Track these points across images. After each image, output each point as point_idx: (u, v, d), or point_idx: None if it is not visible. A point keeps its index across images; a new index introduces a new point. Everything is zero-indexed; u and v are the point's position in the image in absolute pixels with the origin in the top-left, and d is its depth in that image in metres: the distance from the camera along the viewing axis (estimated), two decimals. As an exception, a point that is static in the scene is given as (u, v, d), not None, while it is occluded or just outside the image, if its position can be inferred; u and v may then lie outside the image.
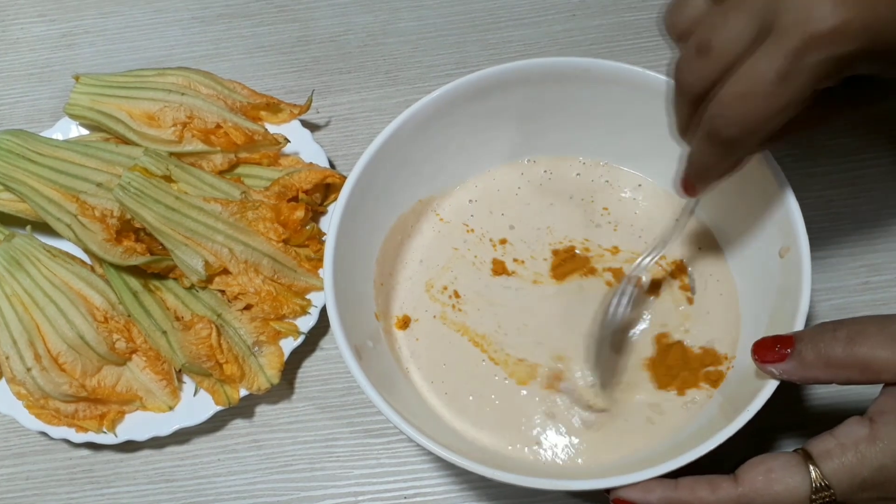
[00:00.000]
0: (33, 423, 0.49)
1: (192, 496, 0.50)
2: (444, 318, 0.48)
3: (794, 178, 0.42)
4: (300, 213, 0.51)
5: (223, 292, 0.51)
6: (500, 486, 0.48)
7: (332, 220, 0.44)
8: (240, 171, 0.55)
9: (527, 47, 0.62)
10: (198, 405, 0.49)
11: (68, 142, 0.54)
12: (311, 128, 0.59)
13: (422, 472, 0.49)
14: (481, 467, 0.37)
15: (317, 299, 0.51)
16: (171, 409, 0.49)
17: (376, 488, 0.49)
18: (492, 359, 0.46)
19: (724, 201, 0.46)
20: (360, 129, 0.60)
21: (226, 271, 0.50)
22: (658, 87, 0.44)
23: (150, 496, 0.50)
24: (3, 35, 0.68)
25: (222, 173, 0.54)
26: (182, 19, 0.66)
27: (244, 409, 0.51)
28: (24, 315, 0.49)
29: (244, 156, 0.55)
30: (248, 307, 0.50)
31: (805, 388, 0.48)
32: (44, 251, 0.51)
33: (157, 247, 0.51)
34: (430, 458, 0.49)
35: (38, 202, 0.51)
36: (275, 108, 0.57)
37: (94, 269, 0.52)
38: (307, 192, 0.53)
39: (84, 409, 0.49)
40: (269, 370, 0.49)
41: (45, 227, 0.52)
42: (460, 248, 0.50)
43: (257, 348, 0.50)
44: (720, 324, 0.46)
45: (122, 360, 0.50)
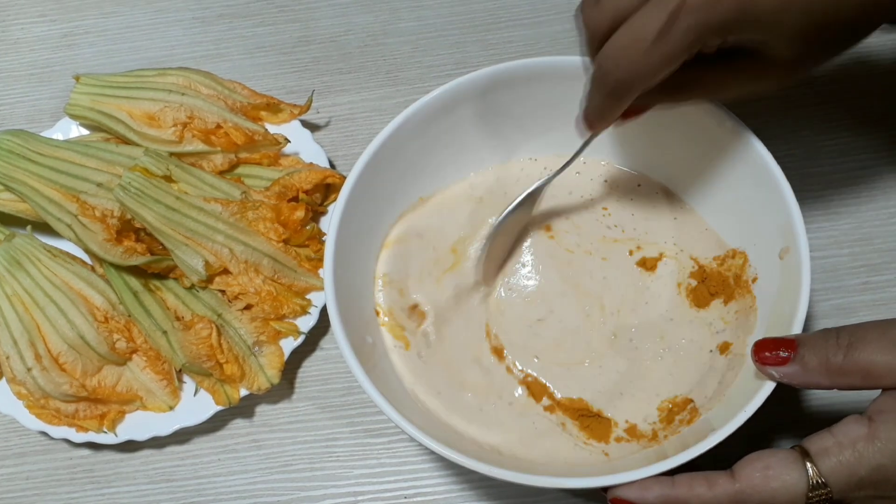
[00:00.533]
0: (34, 422, 0.49)
1: (192, 496, 0.50)
2: (443, 315, 0.48)
3: (793, 178, 0.42)
4: (300, 213, 0.51)
5: (223, 292, 0.51)
6: (500, 485, 0.48)
7: (332, 220, 0.44)
8: (240, 171, 0.55)
9: (527, 47, 0.62)
10: (198, 405, 0.49)
11: (69, 142, 0.54)
12: (312, 128, 0.59)
13: (422, 471, 0.49)
14: (480, 464, 0.37)
15: (317, 299, 0.51)
16: (172, 408, 0.50)
17: (376, 488, 0.49)
18: (494, 352, 0.46)
19: (723, 202, 0.46)
20: (361, 129, 0.60)
21: (226, 271, 0.50)
22: None
23: (150, 496, 0.50)
24: (3, 35, 0.68)
25: (222, 173, 0.54)
26: (183, 19, 0.67)
27: (244, 408, 0.51)
28: (25, 315, 0.49)
29: (244, 156, 0.55)
30: (249, 307, 0.50)
31: (803, 390, 0.48)
32: (44, 251, 0.51)
33: (158, 247, 0.51)
34: (430, 457, 0.49)
35: (39, 202, 0.51)
36: (275, 108, 0.57)
37: (94, 269, 0.52)
38: (307, 192, 0.53)
39: (84, 408, 0.49)
40: (269, 370, 0.49)
41: (45, 227, 0.52)
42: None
43: (257, 348, 0.50)
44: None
45: (123, 359, 0.50)
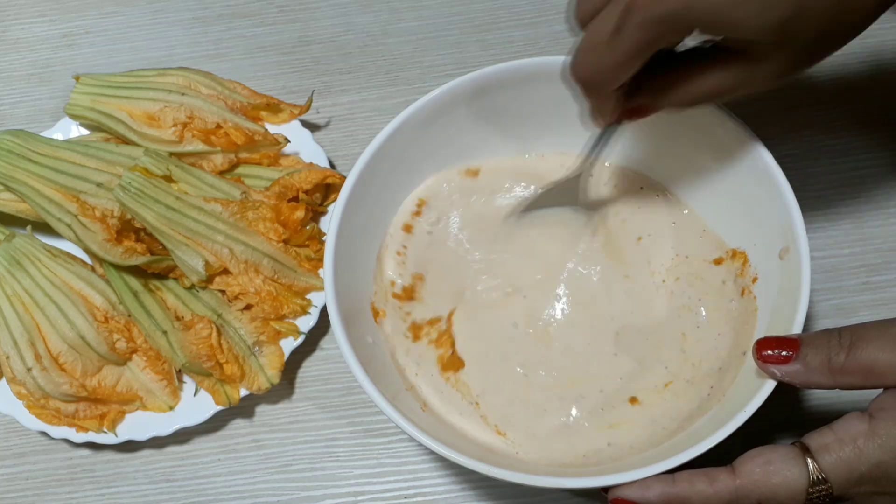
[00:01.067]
0: (34, 422, 0.49)
1: (192, 496, 0.50)
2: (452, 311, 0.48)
3: (794, 178, 0.41)
4: (300, 213, 0.51)
5: (223, 292, 0.51)
6: (500, 485, 0.48)
7: (332, 220, 0.44)
8: (240, 171, 0.55)
9: (527, 47, 0.62)
10: (198, 405, 0.49)
11: (69, 142, 0.54)
12: (312, 128, 0.59)
13: (422, 471, 0.49)
14: (480, 464, 0.37)
15: (317, 299, 0.51)
16: (172, 408, 0.50)
17: (376, 488, 0.49)
18: (504, 348, 0.46)
19: (723, 202, 0.46)
20: (361, 130, 0.60)
21: (226, 271, 0.50)
22: None
23: (150, 496, 0.50)
24: (3, 35, 0.68)
25: (222, 173, 0.54)
26: (183, 19, 0.67)
27: (244, 408, 0.51)
28: (25, 315, 0.49)
29: (244, 156, 0.55)
30: (249, 307, 0.50)
31: (803, 390, 0.48)
32: (44, 251, 0.51)
33: (158, 247, 0.51)
34: (430, 457, 0.49)
35: (39, 202, 0.51)
36: (275, 108, 0.57)
37: (94, 269, 0.52)
38: (307, 192, 0.53)
39: (84, 408, 0.49)
40: (269, 370, 0.49)
41: (45, 227, 0.52)
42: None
43: (257, 348, 0.50)
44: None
45: (123, 359, 0.50)
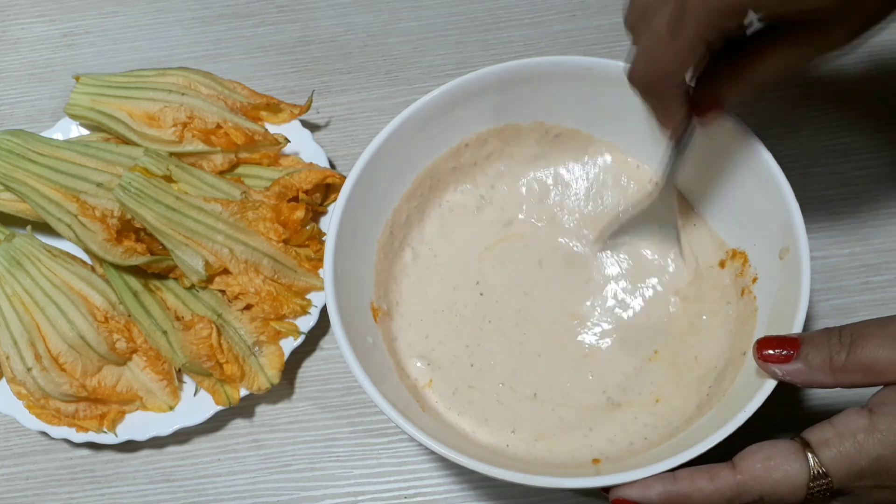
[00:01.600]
0: (34, 422, 0.49)
1: (192, 496, 0.50)
2: (444, 312, 0.48)
3: (793, 178, 0.41)
4: (300, 214, 0.51)
5: (223, 292, 0.51)
6: (500, 485, 0.48)
7: (332, 220, 0.44)
8: (240, 171, 0.55)
9: (527, 48, 0.62)
10: (198, 405, 0.49)
11: (69, 142, 0.54)
12: (312, 128, 0.59)
13: (422, 471, 0.49)
14: (480, 464, 0.37)
15: (317, 299, 0.51)
16: (172, 408, 0.50)
17: (376, 488, 0.49)
18: (491, 350, 0.46)
19: (723, 202, 0.46)
20: (361, 130, 0.60)
21: (226, 271, 0.50)
22: None
23: (150, 496, 0.50)
24: (3, 35, 0.68)
25: (222, 173, 0.54)
26: (183, 19, 0.67)
27: (244, 408, 0.51)
28: (25, 315, 0.49)
29: (244, 156, 0.55)
30: (249, 307, 0.50)
31: (803, 389, 0.48)
32: (44, 251, 0.51)
33: (158, 247, 0.51)
34: (430, 457, 0.49)
35: (39, 202, 0.51)
36: (275, 108, 0.57)
37: (94, 269, 0.52)
38: (307, 192, 0.53)
39: (84, 408, 0.49)
40: (269, 370, 0.49)
41: (45, 227, 0.52)
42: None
43: (257, 348, 0.50)
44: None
45: (123, 359, 0.50)
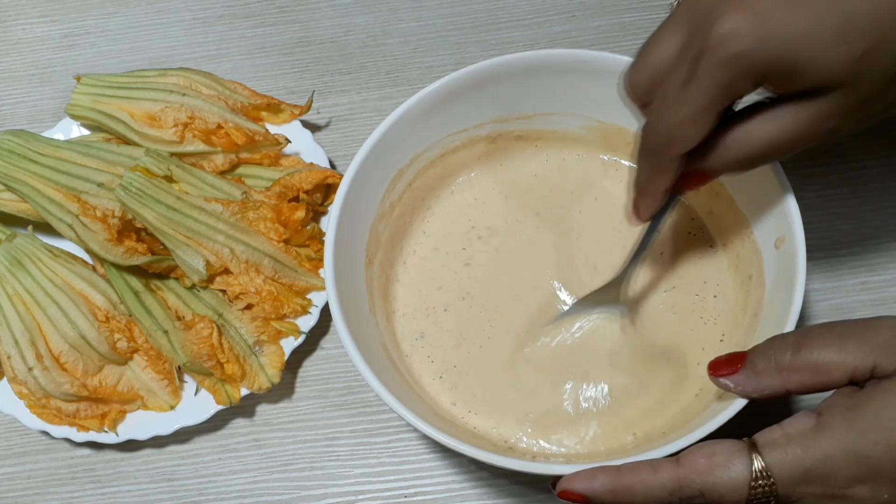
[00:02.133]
0: (35, 422, 0.49)
1: (193, 495, 0.50)
2: (447, 306, 0.48)
3: (793, 178, 0.41)
4: (301, 214, 0.51)
5: (224, 292, 0.51)
6: (500, 483, 0.48)
7: (331, 220, 0.44)
8: (241, 171, 0.55)
9: (527, 48, 0.62)
10: (199, 404, 0.49)
11: (70, 142, 0.55)
12: (312, 128, 0.59)
13: (422, 470, 0.49)
14: (480, 452, 0.37)
15: (317, 299, 0.51)
16: (173, 408, 0.50)
17: (377, 487, 0.49)
18: (495, 341, 0.46)
19: (723, 202, 0.46)
20: (361, 130, 0.60)
21: (227, 271, 0.50)
22: None
23: (151, 495, 0.50)
24: (4, 35, 0.68)
25: (223, 173, 0.54)
26: (183, 20, 0.67)
27: (245, 408, 0.51)
28: (26, 315, 0.49)
29: (245, 156, 0.55)
30: (249, 307, 0.50)
31: (788, 402, 0.48)
32: (45, 251, 0.51)
33: (159, 247, 0.51)
34: (430, 456, 0.49)
35: (40, 202, 0.51)
36: (276, 108, 0.57)
37: (95, 269, 0.52)
38: (308, 192, 0.53)
39: (85, 408, 0.49)
40: (269, 369, 0.49)
41: (46, 228, 0.52)
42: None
43: (258, 348, 0.50)
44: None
45: (124, 359, 0.50)
